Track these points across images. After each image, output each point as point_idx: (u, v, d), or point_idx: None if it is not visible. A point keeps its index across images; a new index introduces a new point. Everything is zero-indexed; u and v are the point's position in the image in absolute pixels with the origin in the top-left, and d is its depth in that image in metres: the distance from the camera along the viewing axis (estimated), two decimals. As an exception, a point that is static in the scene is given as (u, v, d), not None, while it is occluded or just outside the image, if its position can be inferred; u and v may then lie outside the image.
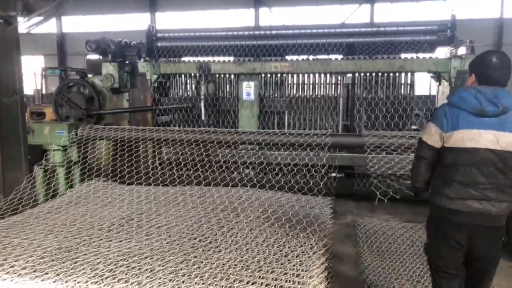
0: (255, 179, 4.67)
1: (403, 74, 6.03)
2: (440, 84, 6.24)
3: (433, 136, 2.27)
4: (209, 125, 6.53)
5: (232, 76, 6.51)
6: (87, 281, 2.31)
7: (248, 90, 6.17)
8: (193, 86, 6.85)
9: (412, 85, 6.07)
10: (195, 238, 3.13)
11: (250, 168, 5.27)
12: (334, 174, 5.63)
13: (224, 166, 4.84)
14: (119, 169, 4.18)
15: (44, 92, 11.86)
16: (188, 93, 6.89)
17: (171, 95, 6.85)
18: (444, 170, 2.24)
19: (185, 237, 3.15)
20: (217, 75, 6.56)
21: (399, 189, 4.71)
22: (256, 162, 4.55)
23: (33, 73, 13.06)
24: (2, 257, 2.62)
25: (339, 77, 6.15)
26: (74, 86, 6.65)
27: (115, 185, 4.42)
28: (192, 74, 6.64)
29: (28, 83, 11.54)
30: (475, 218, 2.14)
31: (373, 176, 3.76)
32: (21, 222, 3.38)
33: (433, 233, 2.36)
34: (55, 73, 11.82)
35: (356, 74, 6.10)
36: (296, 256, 2.86)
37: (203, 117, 6.45)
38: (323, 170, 3.90)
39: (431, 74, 6.19)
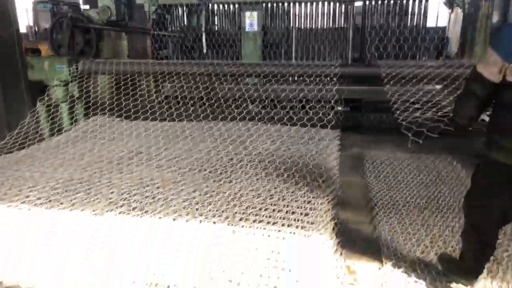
0: (263, 112, 4.60)
1: (416, 2, 5.69)
2: (452, 11, 5.94)
3: (491, 66, 1.75)
4: (211, 59, 6.32)
5: (236, 6, 6.17)
6: (102, 209, 2.34)
7: (251, 20, 5.89)
8: (194, 18, 6.52)
9: (425, 14, 5.76)
10: (205, 170, 3.15)
11: (257, 102, 5.18)
12: (340, 108, 5.56)
13: (230, 100, 4.74)
14: (124, 104, 4.10)
15: (36, 29, 11.39)
16: (190, 24, 6.56)
17: (171, 29, 6.55)
18: (503, 115, 1.77)
19: (196, 169, 3.16)
20: (218, 5, 6.22)
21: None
22: (263, 96, 4.44)
23: (25, 10, 12.46)
24: (16, 188, 2.64)
25: (348, 6, 5.81)
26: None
27: (121, 120, 4.38)
28: (192, 5, 6.29)
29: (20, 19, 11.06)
30: None
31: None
32: (29, 156, 3.39)
33: (482, 188, 1.93)
34: (46, 8, 11.25)
35: (367, 2, 5.77)
36: (306, 185, 2.89)
37: (204, 51, 6.23)
38: (331, 102, 3.81)
39: (444, 0, 5.87)
